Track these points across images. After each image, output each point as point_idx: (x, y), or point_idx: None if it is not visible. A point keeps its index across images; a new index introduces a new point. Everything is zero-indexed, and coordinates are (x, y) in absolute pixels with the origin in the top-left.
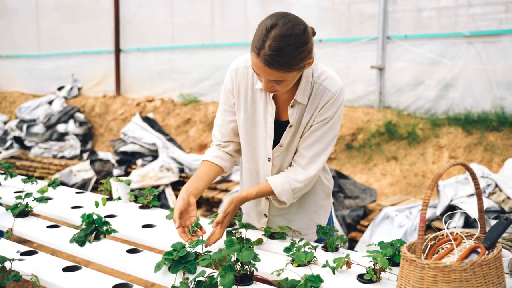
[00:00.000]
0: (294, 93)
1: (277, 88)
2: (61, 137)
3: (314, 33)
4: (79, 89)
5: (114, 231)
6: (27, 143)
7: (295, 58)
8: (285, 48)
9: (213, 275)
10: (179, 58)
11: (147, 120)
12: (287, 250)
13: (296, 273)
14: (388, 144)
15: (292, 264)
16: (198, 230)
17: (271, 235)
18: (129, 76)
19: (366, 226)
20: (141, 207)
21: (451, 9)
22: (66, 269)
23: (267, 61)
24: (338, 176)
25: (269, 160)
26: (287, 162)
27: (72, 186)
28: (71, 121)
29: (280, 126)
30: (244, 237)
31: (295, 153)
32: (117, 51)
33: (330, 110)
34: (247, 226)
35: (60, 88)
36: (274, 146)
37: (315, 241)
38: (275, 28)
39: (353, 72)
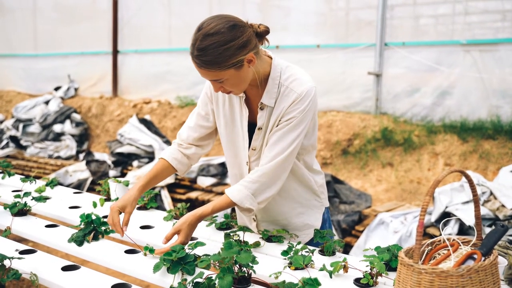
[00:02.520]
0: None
1: (227, 88)
2: (57, 137)
3: (265, 32)
4: (76, 89)
5: (112, 231)
6: (23, 142)
7: (221, 56)
8: (208, 47)
9: (212, 277)
10: (176, 60)
11: (144, 121)
12: (284, 253)
13: (294, 276)
14: (384, 150)
15: (289, 267)
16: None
17: (269, 238)
18: (126, 78)
19: (361, 232)
20: (139, 208)
21: (448, 17)
22: (65, 268)
23: (196, 62)
24: (334, 181)
25: (246, 164)
26: None
27: (67, 186)
28: (68, 122)
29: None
30: (242, 240)
31: None
32: (115, 52)
33: (295, 111)
34: (245, 229)
35: (57, 88)
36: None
37: (310, 244)
38: (201, 29)
39: (350, 78)
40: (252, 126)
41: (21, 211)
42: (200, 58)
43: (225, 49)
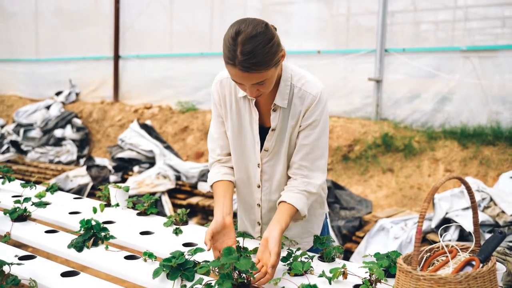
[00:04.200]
0: (274, 97)
1: (262, 90)
2: (58, 142)
3: (275, 29)
4: (77, 94)
5: (112, 237)
6: (23, 147)
7: (268, 54)
8: (256, 48)
9: (211, 283)
10: (177, 66)
11: (144, 127)
12: (284, 259)
13: (293, 282)
14: (385, 156)
15: (289, 273)
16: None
17: None
18: (127, 83)
19: (362, 237)
20: (139, 214)
21: (449, 23)
22: (64, 274)
23: (244, 67)
24: (334, 187)
25: (258, 166)
26: (278, 169)
27: (68, 191)
28: (68, 126)
29: (266, 132)
30: (242, 246)
31: (290, 164)
32: (116, 57)
33: (315, 113)
34: (244, 235)
35: (58, 93)
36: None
37: (310, 251)
38: (240, 34)
39: (350, 83)
40: (260, 128)
41: (21, 216)
42: (249, 61)
43: (270, 47)
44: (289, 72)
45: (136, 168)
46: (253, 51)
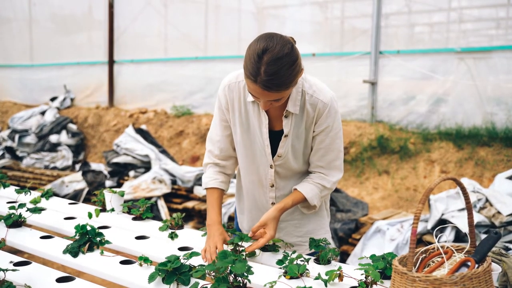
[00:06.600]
0: (285, 103)
1: (275, 104)
2: (53, 147)
3: (294, 42)
4: (72, 100)
5: (107, 242)
6: (19, 153)
7: (290, 76)
8: (279, 70)
9: (207, 287)
10: (172, 70)
11: (140, 131)
12: (279, 262)
13: (289, 285)
14: (380, 158)
15: (284, 276)
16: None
17: (264, 248)
18: (122, 88)
19: (358, 240)
20: (134, 219)
21: (443, 25)
22: (60, 280)
23: (266, 86)
24: None
25: (271, 167)
26: (293, 169)
27: (63, 197)
28: (64, 132)
29: (274, 136)
30: (238, 249)
31: (309, 162)
32: (111, 62)
33: (328, 119)
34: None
35: (53, 99)
36: (272, 155)
37: (309, 255)
38: (266, 53)
39: (345, 86)
40: (269, 132)
41: (16, 222)
42: (272, 82)
43: (293, 69)
44: (301, 80)
45: (131, 173)
46: (277, 72)
